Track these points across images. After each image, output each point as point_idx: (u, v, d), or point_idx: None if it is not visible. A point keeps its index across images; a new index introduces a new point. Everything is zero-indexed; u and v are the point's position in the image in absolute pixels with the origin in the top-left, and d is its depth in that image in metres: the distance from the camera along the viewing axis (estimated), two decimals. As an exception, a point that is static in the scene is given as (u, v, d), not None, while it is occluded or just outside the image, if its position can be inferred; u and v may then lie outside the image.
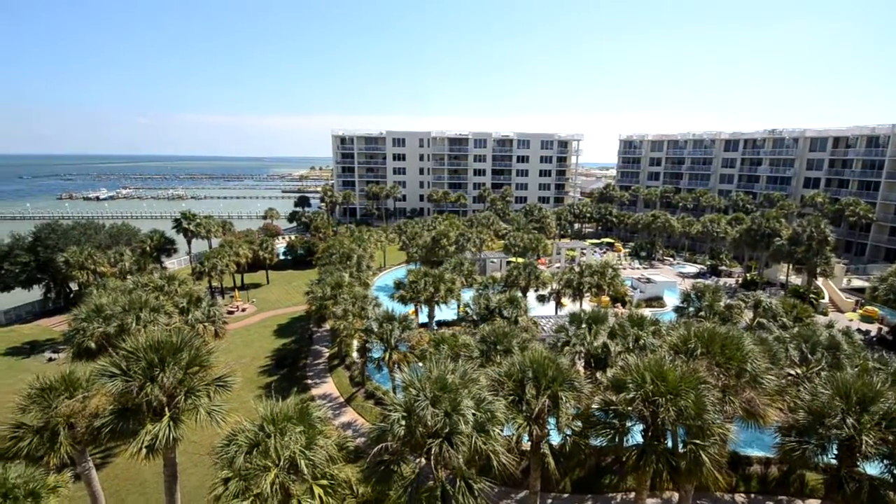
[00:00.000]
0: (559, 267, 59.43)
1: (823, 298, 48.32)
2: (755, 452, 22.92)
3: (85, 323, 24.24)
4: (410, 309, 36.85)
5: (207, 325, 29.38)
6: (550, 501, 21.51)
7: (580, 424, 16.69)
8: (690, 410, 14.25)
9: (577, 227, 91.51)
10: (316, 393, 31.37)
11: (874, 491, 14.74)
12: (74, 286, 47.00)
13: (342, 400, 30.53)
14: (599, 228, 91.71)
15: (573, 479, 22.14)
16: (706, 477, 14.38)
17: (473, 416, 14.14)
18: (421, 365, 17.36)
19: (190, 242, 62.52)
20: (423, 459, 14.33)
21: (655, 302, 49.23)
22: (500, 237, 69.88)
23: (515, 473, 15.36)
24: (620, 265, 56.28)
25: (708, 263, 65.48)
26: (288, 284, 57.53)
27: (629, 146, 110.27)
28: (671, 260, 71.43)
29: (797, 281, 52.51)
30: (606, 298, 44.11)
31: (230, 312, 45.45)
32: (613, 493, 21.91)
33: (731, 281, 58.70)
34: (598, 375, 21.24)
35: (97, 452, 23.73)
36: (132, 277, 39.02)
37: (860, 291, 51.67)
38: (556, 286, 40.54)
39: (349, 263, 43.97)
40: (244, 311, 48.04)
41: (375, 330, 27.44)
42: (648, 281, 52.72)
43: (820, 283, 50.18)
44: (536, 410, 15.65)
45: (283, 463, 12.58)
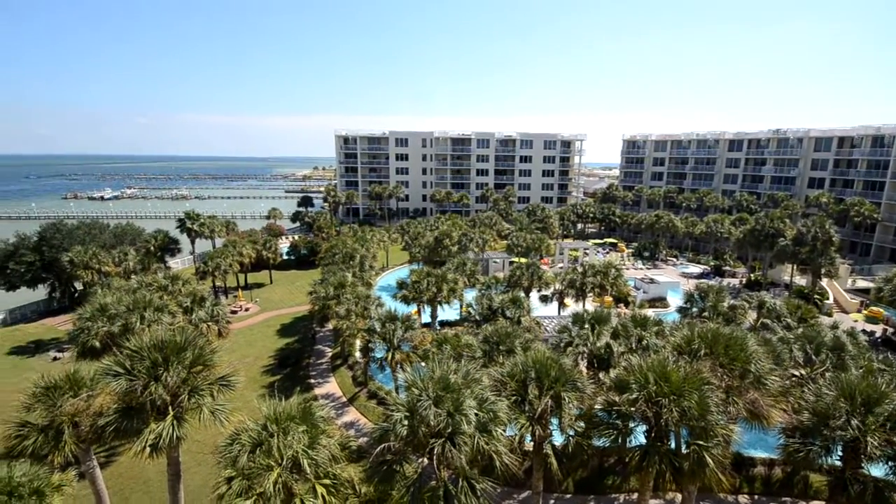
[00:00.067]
0: (562, 267, 59.41)
1: (828, 299, 48.13)
2: (759, 454, 22.84)
3: (89, 322, 24.43)
4: (413, 309, 36.86)
5: (211, 324, 29.55)
6: (553, 502, 21.48)
7: (583, 425, 16.65)
8: (694, 411, 14.22)
9: (580, 227, 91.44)
10: (319, 392, 31.45)
11: (879, 493, 14.67)
12: (79, 286, 47.27)
13: (345, 400, 30.60)
14: (602, 228, 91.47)
15: (576, 479, 22.10)
16: (709, 478, 14.36)
17: (476, 416, 14.14)
18: (423, 365, 17.34)
19: (194, 242, 62.83)
20: (425, 459, 14.35)
21: (659, 302, 49.06)
22: (502, 237, 69.79)
23: (518, 474, 15.38)
24: (623, 265, 56.28)
25: (711, 264, 65.34)
26: (291, 284, 57.63)
27: (632, 146, 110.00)
28: (675, 260, 71.24)
29: (801, 281, 52.25)
30: (609, 299, 44.05)
31: (233, 312, 45.64)
32: (616, 493, 21.86)
33: (734, 281, 58.50)
34: (601, 376, 21.26)
35: (101, 451, 23.82)
36: (136, 277, 39.19)
37: (865, 292, 51.40)
38: (558, 286, 40.49)
39: (352, 263, 44.04)
40: (247, 310, 48.16)
41: (378, 330, 27.50)
42: (652, 281, 52.55)
43: (824, 283, 49.93)
44: (539, 411, 15.64)
45: (286, 462, 12.63)
